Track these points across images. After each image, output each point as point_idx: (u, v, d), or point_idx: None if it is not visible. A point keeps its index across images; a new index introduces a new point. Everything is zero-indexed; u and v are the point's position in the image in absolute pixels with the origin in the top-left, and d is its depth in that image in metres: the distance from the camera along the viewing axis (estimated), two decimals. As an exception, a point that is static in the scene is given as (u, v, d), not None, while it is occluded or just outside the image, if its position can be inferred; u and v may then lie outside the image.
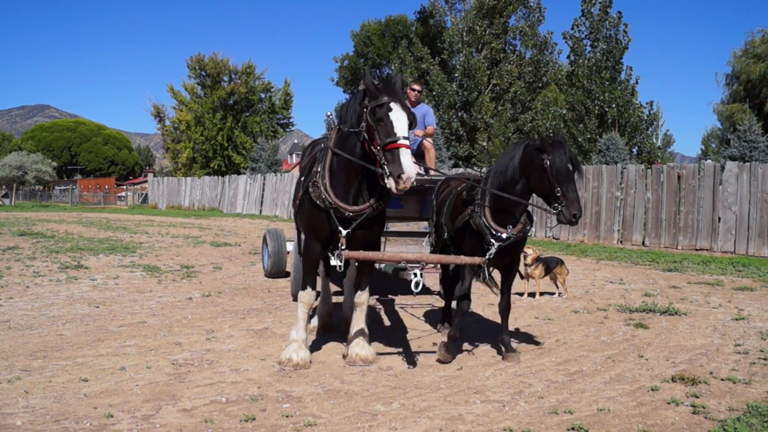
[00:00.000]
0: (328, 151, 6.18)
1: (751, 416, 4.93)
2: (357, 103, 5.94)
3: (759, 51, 37.80)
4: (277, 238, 11.71)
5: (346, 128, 5.98)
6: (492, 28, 35.93)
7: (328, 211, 6.08)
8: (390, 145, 5.51)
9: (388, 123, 5.58)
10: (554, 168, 6.04)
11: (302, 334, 6.40)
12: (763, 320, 8.73)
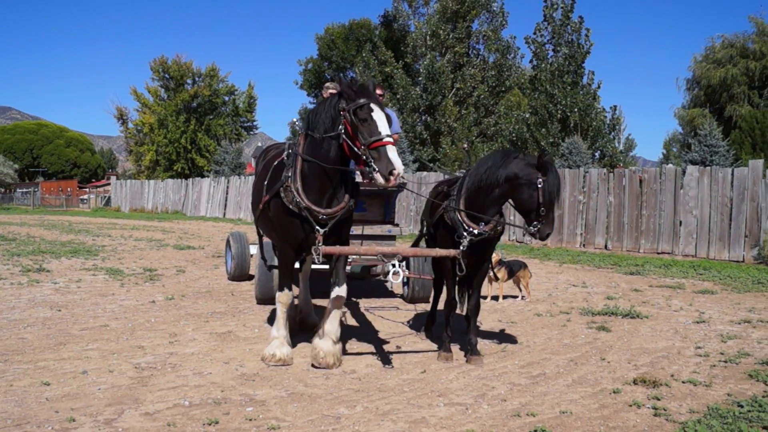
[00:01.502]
0: (297, 156, 6.20)
1: (711, 418, 5.01)
2: (331, 106, 6.03)
3: (719, 57, 38.44)
4: (240, 241, 11.64)
5: (319, 133, 6.04)
6: (455, 32, 36.09)
7: (301, 214, 6.12)
8: (376, 143, 5.66)
9: (371, 123, 5.73)
10: (547, 189, 6.24)
11: (283, 332, 6.60)
12: (723, 323, 8.88)
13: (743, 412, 5.16)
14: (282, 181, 6.21)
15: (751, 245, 16.31)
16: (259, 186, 6.92)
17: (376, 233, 9.63)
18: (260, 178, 7.04)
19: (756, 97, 35.50)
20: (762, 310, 9.84)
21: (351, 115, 5.79)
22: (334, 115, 5.97)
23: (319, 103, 6.37)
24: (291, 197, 6.11)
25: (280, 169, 6.48)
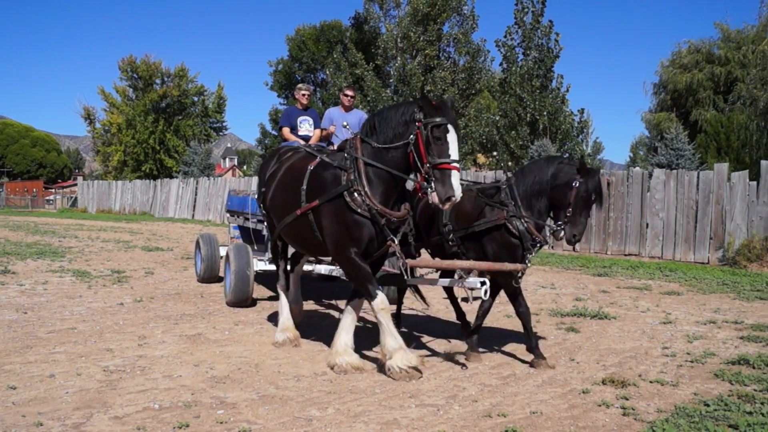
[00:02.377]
0: (358, 160, 6.17)
1: (678, 417, 5.09)
2: (407, 115, 6.01)
3: (685, 62, 38.96)
4: (210, 243, 11.54)
5: (385, 137, 6.10)
6: (426, 34, 36.18)
7: (369, 218, 6.10)
8: (443, 165, 5.71)
9: (444, 143, 5.77)
10: (582, 191, 6.45)
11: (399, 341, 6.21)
12: (690, 323, 9.01)
13: (709, 410, 5.25)
14: (346, 185, 6.12)
15: (716, 247, 16.56)
16: (288, 191, 6.85)
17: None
18: (284, 183, 7.01)
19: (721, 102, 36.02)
20: (727, 311, 10.00)
21: (426, 130, 5.80)
22: (409, 123, 5.97)
23: (387, 109, 6.37)
24: (360, 200, 6.07)
25: (321, 173, 6.44)
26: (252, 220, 10.22)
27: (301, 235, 6.84)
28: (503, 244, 6.71)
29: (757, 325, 8.83)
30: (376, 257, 6.52)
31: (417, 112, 5.93)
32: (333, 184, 6.27)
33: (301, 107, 10.25)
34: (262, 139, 55.98)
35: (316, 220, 6.43)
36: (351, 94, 10.13)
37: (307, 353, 7.04)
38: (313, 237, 6.60)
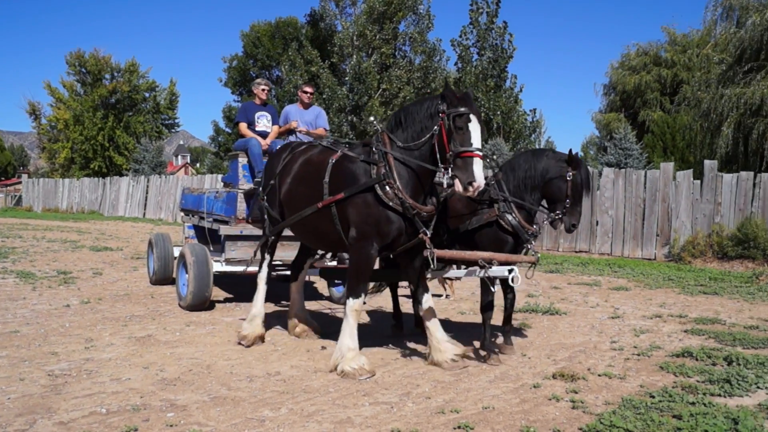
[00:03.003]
0: (388, 154, 6.22)
1: (625, 409, 5.21)
2: (432, 108, 6.12)
3: (634, 64, 39.62)
4: (163, 243, 11.26)
5: (413, 130, 6.21)
6: (382, 33, 36.19)
7: (401, 211, 6.14)
8: (465, 153, 5.83)
9: (467, 132, 5.90)
10: (577, 182, 6.75)
11: (357, 342, 6.35)
12: (637, 318, 9.20)
13: (655, 402, 5.39)
14: (377, 178, 6.14)
15: (662, 243, 16.95)
16: (306, 184, 6.84)
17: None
18: (301, 176, 6.99)
19: (667, 103, 36.71)
20: (672, 305, 10.23)
21: (449, 120, 5.93)
22: (434, 115, 6.08)
23: (414, 104, 6.43)
24: (392, 194, 6.09)
25: (347, 166, 6.44)
26: (208, 220, 10.04)
27: (318, 228, 6.81)
28: (496, 240, 6.90)
29: (700, 319, 9.06)
30: (401, 250, 6.56)
31: (441, 104, 6.06)
32: (361, 178, 6.30)
33: (259, 102, 10.14)
34: (215, 136, 55.44)
35: (339, 213, 6.41)
36: (310, 91, 10.02)
37: (260, 353, 7.01)
38: (332, 230, 6.57)
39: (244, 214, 9.22)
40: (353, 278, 6.39)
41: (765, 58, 20.16)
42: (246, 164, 9.56)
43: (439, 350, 6.56)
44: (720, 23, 24.20)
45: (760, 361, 6.63)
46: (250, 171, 9.50)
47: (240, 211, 9.21)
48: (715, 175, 16.51)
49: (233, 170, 9.88)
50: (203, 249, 9.19)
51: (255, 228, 9.17)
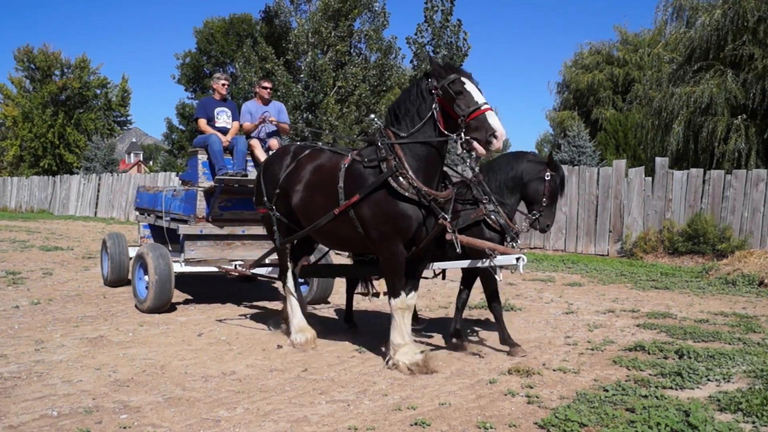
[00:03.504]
0: (395, 146, 6.19)
1: (580, 403, 5.28)
2: (422, 87, 6.15)
3: (587, 62, 40.16)
4: (118, 243, 10.87)
5: (410, 118, 6.19)
6: (337, 30, 36.06)
7: (419, 201, 6.08)
8: (475, 113, 5.80)
9: (467, 94, 5.90)
10: (554, 184, 6.97)
11: (409, 337, 6.46)
12: (590, 313, 9.34)
13: (608, 396, 5.47)
14: (389, 171, 6.08)
15: (614, 240, 17.23)
16: (322, 192, 6.71)
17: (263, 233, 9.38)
18: (314, 184, 6.85)
19: (620, 101, 37.30)
20: (624, 300, 10.41)
21: (444, 91, 5.94)
22: (425, 94, 6.11)
23: (401, 94, 6.41)
24: (407, 184, 6.04)
25: (358, 169, 6.38)
26: (165, 219, 9.78)
27: (342, 234, 6.69)
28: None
29: (652, 313, 9.23)
30: (425, 243, 6.44)
31: (430, 82, 6.09)
32: (372, 177, 6.26)
33: (219, 98, 9.93)
34: (169, 134, 54.80)
35: (358, 216, 6.33)
36: (269, 86, 9.87)
37: (215, 353, 6.94)
38: (356, 234, 6.49)
39: (204, 213, 9.05)
40: (388, 278, 6.41)
41: (714, 57, 20.58)
42: (206, 161, 9.35)
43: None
44: (670, 23, 24.65)
45: (710, 354, 6.78)
46: (210, 168, 9.31)
47: (200, 209, 9.04)
48: (666, 172, 16.83)
49: (192, 168, 9.65)
50: (164, 250, 8.92)
51: (215, 227, 9.02)
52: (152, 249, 8.84)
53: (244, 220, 9.27)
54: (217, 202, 9.00)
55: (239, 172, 8.97)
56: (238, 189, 9.03)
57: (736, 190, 15.83)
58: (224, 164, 9.03)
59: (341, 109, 34.71)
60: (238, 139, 9.41)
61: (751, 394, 5.42)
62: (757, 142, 19.28)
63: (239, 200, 9.19)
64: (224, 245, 9.18)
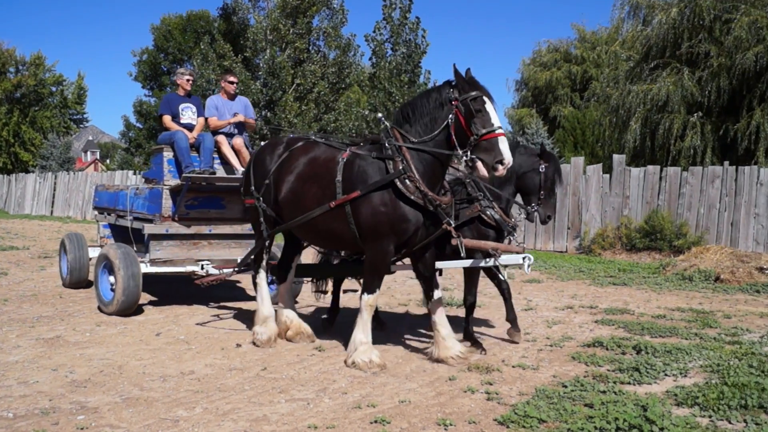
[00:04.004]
0: (402, 148, 6.19)
1: (539, 399, 5.33)
2: (441, 97, 6.17)
3: (545, 60, 40.51)
4: (77, 244, 10.55)
5: (424, 122, 6.23)
6: (296, 27, 35.91)
7: (422, 205, 6.12)
8: (489, 134, 5.87)
9: (485, 114, 5.94)
10: (549, 175, 7.00)
11: (370, 336, 6.47)
12: (549, 309, 9.43)
13: (567, 391, 5.53)
14: (397, 173, 6.11)
15: (573, 236, 17.43)
16: (316, 184, 6.66)
17: (237, 232, 9.23)
18: (307, 176, 6.77)
19: (577, 99, 37.69)
20: (583, 297, 10.53)
21: (464, 105, 5.97)
22: (444, 104, 6.12)
23: (419, 96, 6.40)
24: (413, 187, 6.08)
25: (360, 164, 6.37)
26: (128, 218, 9.49)
27: (330, 229, 6.62)
28: (479, 235, 7.01)
29: (610, 309, 9.35)
30: (422, 244, 6.51)
31: (451, 92, 6.10)
32: (376, 175, 6.25)
33: (183, 93, 9.71)
34: (126, 131, 54.14)
35: (354, 211, 6.30)
36: (235, 80, 9.72)
37: (174, 352, 6.88)
38: (346, 230, 6.45)
39: (170, 212, 8.86)
40: (369, 275, 6.41)
41: (670, 55, 20.88)
42: (172, 159, 9.13)
43: (445, 347, 6.57)
44: (627, 21, 24.95)
45: (667, 350, 6.89)
46: (176, 166, 9.10)
47: (166, 208, 8.83)
48: (623, 169, 17.06)
49: (157, 165, 9.43)
50: (130, 250, 8.70)
51: (182, 226, 8.85)
52: (118, 249, 8.61)
53: (210, 218, 9.14)
54: (184, 201, 8.83)
55: (207, 170, 8.80)
56: (206, 187, 8.90)
57: (692, 187, 16.11)
58: (191, 161, 8.84)
59: (300, 106, 34.60)
60: (204, 135, 9.24)
61: (707, 389, 5.52)
62: (713, 139, 19.61)
63: (206, 198, 9.07)
64: (191, 245, 9.02)
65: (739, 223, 15.46)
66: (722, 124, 19.56)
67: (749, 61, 18.25)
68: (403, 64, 30.48)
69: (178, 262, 8.94)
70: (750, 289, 11.30)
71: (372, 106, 31.26)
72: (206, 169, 8.83)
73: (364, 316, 6.41)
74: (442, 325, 6.63)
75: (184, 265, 8.88)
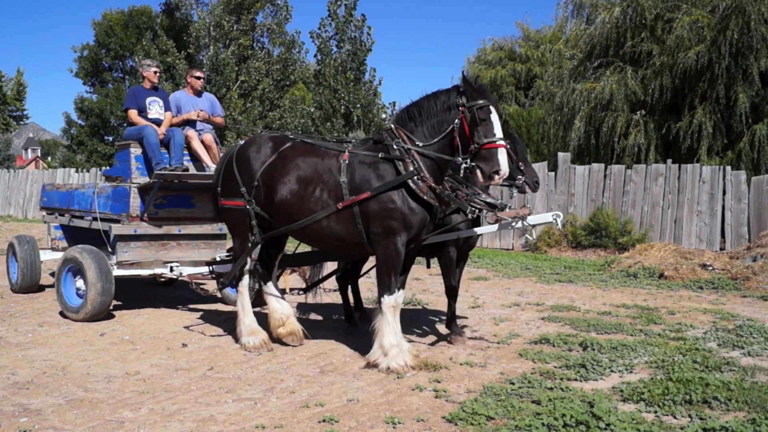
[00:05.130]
0: (411, 150, 6.29)
1: (487, 396, 5.37)
2: (449, 101, 6.23)
3: (489, 58, 40.76)
4: (28, 247, 10.04)
5: (430, 124, 6.32)
6: (240, 24, 35.59)
7: (431, 204, 6.23)
8: (490, 144, 5.97)
9: (489, 124, 6.04)
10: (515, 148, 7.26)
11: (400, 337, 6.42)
12: (496, 307, 9.51)
13: (515, 388, 5.58)
14: (411, 173, 6.18)
15: (519, 234, 17.57)
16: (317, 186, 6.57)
17: (206, 232, 9.00)
18: (306, 179, 6.64)
19: (522, 97, 38.01)
20: (529, 294, 10.65)
21: (471, 113, 6.05)
22: (452, 108, 6.19)
23: (425, 98, 6.40)
24: (426, 187, 6.19)
25: (368, 165, 6.38)
26: (87, 218, 9.13)
27: (335, 232, 6.53)
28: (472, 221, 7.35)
29: (557, 306, 9.47)
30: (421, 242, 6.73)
31: (459, 98, 6.16)
32: (387, 175, 6.28)
33: (149, 87, 9.28)
34: (67, 128, 52.94)
35: (363, 211, 6.28)
36: (202, 76, 9.49)
37: (119, 353, 6.76)
38: (353, 231, 6.41)
39: (138, 212, 8.53)
40: (385, 275, 6.33)
41: (614, 54, 21.21)
42: (140, 155, 8.73)
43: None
44: (571, 20, 25.29)
45: (613, 346, 6.99)
46: (144, 163, 8.72)
47: (134, 207, 8.49)
48: (568, 167, 17.31)
49: (123, 162, 8.96)
50: (100, 253, 8.28)
51: (150, 227, 8.55)
52: (88, 252, 8.19)
53: (180, 218, 8.86)
54: (153, 200, 8.53)
55: (179, 167, 8.48)
56: (176, 185, 8.64)
57: (636, 185, 16.42)
58: (162, 158, 8.50)
59: (245, 103, 34.30)
60: (174, 131, 8.86)
61: (652, 384, 5.62)
62: (656, 138, 19.97)
63: (175, 197, 8.80)
64: (159, 246, 8.70)
65: (682, 221, 15.82)
66: (665, 122, 19.94)
67: (691, 60, 18.65)
68: (348, 62, 30.44)
69: (146, 264, 8.61)
70: (693, 285, 11.55)
71: (317, 103, 31.18)
72: (178, 165, 8.52)
73: (389, 318, 6.31)
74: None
75: (152, 267, 8.61)
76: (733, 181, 15.52)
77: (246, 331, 7.11)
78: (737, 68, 18.45)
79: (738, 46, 18.08)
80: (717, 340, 7.43)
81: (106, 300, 8.06)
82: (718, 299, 10.36)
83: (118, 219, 8.61)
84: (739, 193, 15.41)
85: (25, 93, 55.97)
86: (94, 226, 8.88)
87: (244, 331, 7.11)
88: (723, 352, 6.95)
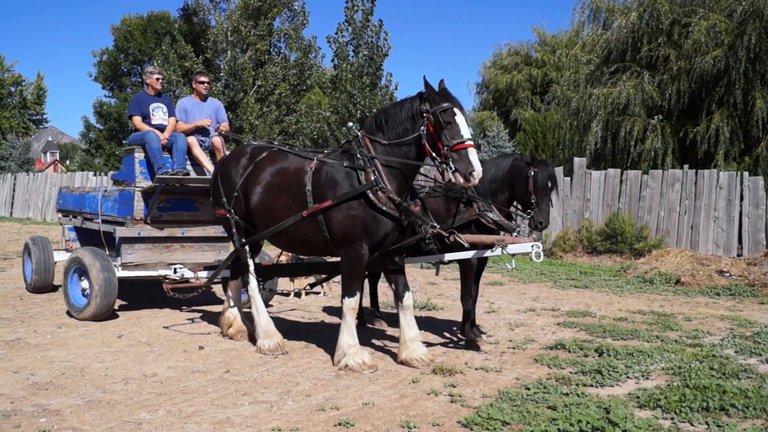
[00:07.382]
0: (374, 159, 6.31)
1: (502, 401, 5.37)
2: (413, 109, 6.27)
3: (506, 63, 40.71)
4: (42, 247, 10.25)
5: (395, 133, 6.34)
6: (257, 29, 35.78)
7: (392, 214, 6.25)
8: (459, 145, 5.99)
9: (455, 126, 6.06)
10: (538, 179, 7.04)
11: (356, 338, 6.57)
12: (511, 312, 9.49)
13: (530, 394, 5.57)
14: (369, 184, 6.20)
15: (534, 239, 17.46)
16: (286, 194, 6.72)
17: (209, 234, 9.10)
18: (277, 186, 6.82)
19: (538, 102, 37.92)
20: (545, 299, 10.62)
21: (435, 117, 6.07)
22: (416, 116, 6.23)
23: (392, 107, 6.47)
24: (385, 198, 6.21)
25: (329, 174, 6.43)
26: (95, 221, 9.28)
27: (303, 236, 6.69)
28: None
29: (572, 312, 9.45)
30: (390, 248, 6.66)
31: (422, 104, 6.21)
32: (346, 184, 6.33)
33: (153, 93, 9.46)
34: (86, 132, 53.41)
35: (326, 219, 6.36)
36: (207, 81, 9.54)
37: (136, 355, 6.82)
38: (318, 237, 6.53)
39: (142, 214, 8.67)
40: (347, 279, 6.46)
41: (630, 59, 21.12)
42: (143, 160, 8.93)
43: (410, 349, 6.63)
44: (587, 25, 25.21)
45: (629, 352, 6.97)
46: (148, 167, 8.90)
47: (137, 210, 8.65)
48: (584, 172, 17.24)
49: (128, 167, 9.20)
50: (104, 253, 8.50)
51: (154, 229, 8.67)
52: (92, 253, 8.41)
53: (183, 221, 8.99)
54: (156, 203, 8.66)
55: (180, 171, 8.62)
56: (178, 189, 8.78)
57: (652, 190, 16.34)
58: (164, 163, 8.65)
59: (261, 108, 34.46)
60: (177, 136, 9.00)
61: (669, 391, 5.61)
62: (673, 142, 19.85)
63: (178, 200, 8.94)
64: (163, 248, 8.84)
65: (699, 227, 15.72)
66: (682, 127, 19.84)
67: (708, 64, 18.55)
68: (365, 67, 30.48)
69: (150, 265, 8.74)
70: (710, 291, 11.49)
71: (334, 108, 31.25)
72: (180, 170, 8.66)
73: (348, 320, 6.50)
74: (409, 327, 6.67)
75: (156, 269, 8.71)
76: (751, 187, 15.40)
77: (262, 333, 7.18)
78: (755, 73, 18.33)
79: (755, 50, 17.96)
80: (734, 347, 7.39)
81: (108, 301, 8.26)
82: (735, 306, 10.29)
83: (123, 222, 8.77)
84: (756, 198, 15.30)
85: (45, 97, 56.46)
86: (104, 228, 9.04)
87: (261, 333, 7.19)
88: (740, 359, 6.91)
